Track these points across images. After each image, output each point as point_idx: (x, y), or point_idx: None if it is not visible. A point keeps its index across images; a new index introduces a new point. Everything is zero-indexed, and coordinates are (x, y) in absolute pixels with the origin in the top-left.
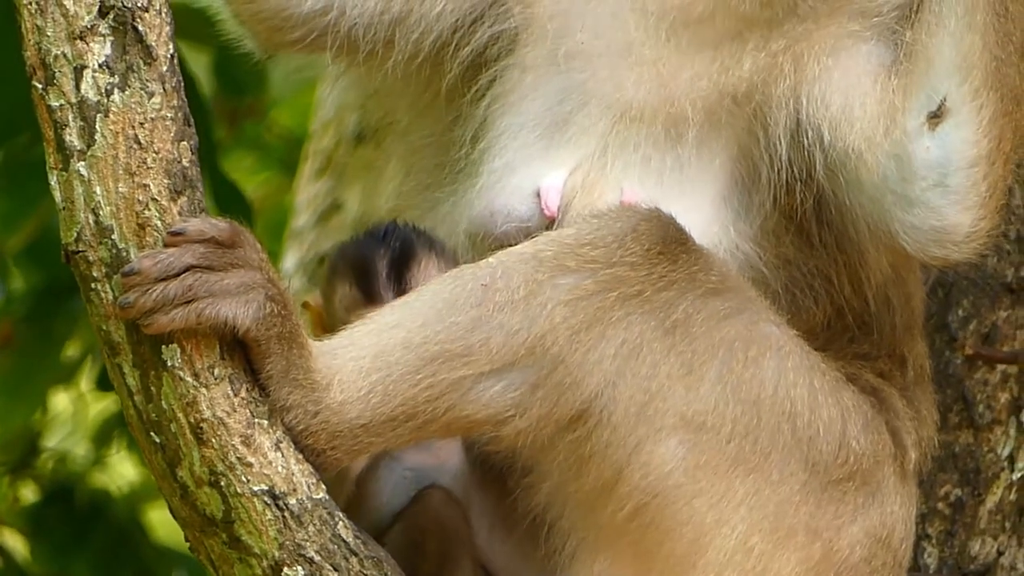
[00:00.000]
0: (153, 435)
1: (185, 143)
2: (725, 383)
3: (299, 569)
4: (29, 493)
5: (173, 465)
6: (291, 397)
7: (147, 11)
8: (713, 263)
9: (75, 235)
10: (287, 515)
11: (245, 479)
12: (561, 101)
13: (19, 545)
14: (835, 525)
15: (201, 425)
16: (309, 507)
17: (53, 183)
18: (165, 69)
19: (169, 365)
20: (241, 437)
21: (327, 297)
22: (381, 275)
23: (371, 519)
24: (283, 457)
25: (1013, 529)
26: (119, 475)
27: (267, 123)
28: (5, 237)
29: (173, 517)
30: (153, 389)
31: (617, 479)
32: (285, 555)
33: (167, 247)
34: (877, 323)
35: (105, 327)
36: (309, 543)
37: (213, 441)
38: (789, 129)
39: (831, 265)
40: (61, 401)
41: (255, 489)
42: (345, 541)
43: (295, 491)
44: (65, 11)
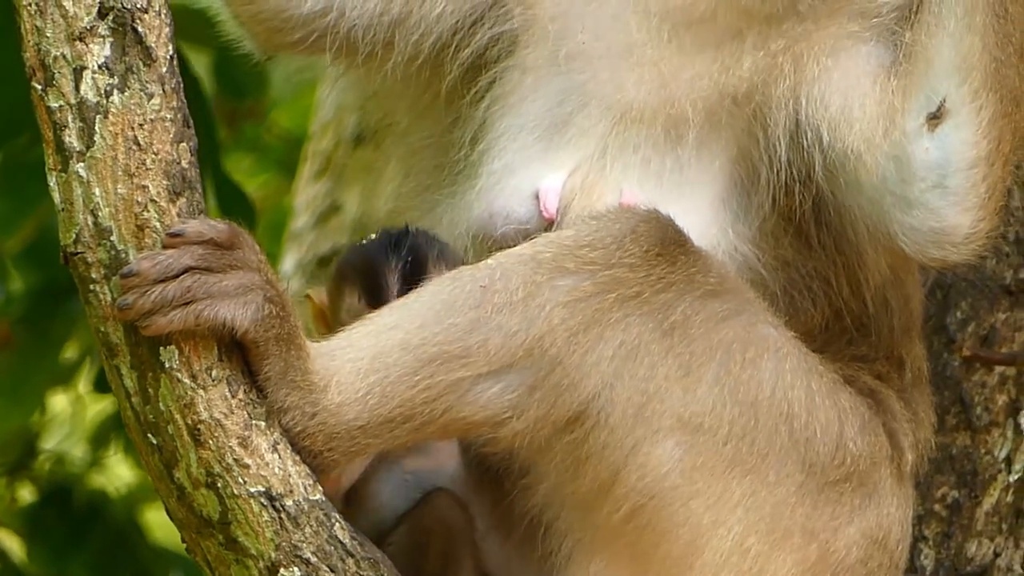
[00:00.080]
0: (150, 436)
1: (184, 144)
2: (723, 385)
3: (296, 570)
4: (27, 494)
5: (170, 466)
6: (289, 399)
7: (147, 12)
8: (711, 265)
9: (74, 236)
10: (284, 516)
11: (242, 480)
12: (561, 102)
13: (16, 546)
14: (832, 526)
15: (198, 426)
16: (306, 508)
17: (52, 184)
18: (164, 70)
19: (167, 366)
20: (238, 438)
21: (332, 300)
22: (391, 288)
23: (372, 521)
24: (280, 458)
25: (1010, 531)
26: (117, 476)
27: (267, 124)
28: (4, 238)
29: (170, 518)
30: (151, 390)
31: (614, 480)
32: (282, 556)
33: (166, 248)
34: (875, 325)
35: (103, 328)
36: (306, 544)
37: (210, 442)
38: (788, 130)
39: (829, 267)
40: (59, 402)
41: (252, 490)
42: (342, 542)
43: (292, 492)
44: (65, 12)
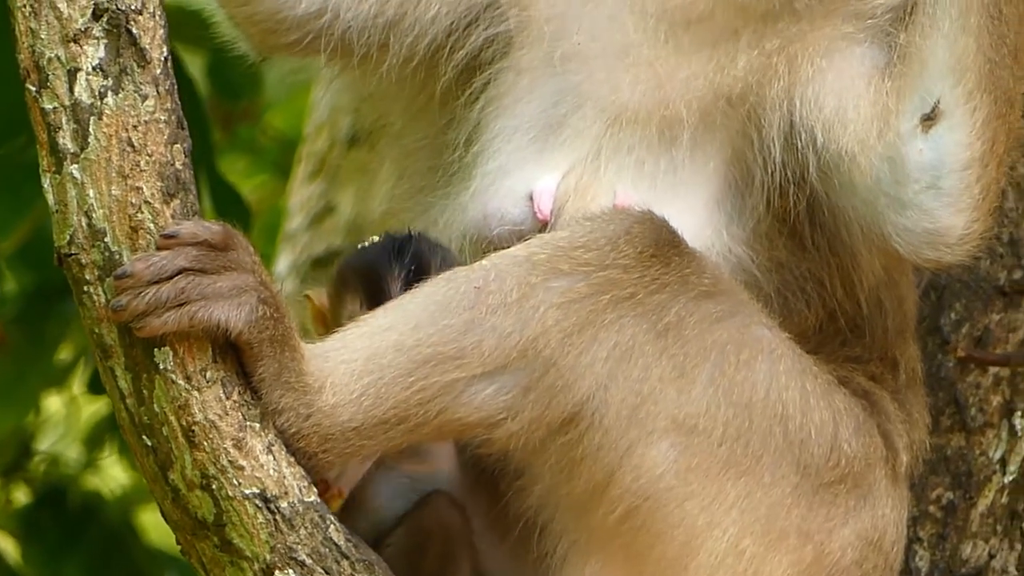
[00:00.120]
0: (145, 438)
1: (178, 146)
2: (717, 386)
3: (290, 572)
4: (21, 495)
5: (165, 468)
6: (283, 400)
7: (141, 14)
8: (706, 266)
9: (68, 238)
10: (279, 518)
11: (237, 482)
12: (556, 104)
13: (11, 548)
14: (826, 528)
15: (193, 428)
16: (301, 510)
17: (46, 186)
18: (159, 72)
19: (161, 368)
20: (233, 440)
21: (334, 303)
22: (393, 295)
23: (370, 523)
24: (275, 460)
25: (1005, 532)
26: (111, 478)
27: (261, 126)
28: None
29: (165, 520)
30: (145, 392)
31: (609, 482)
32: (276, 558)
33: (160, 250)
34: (869, 326)
35: (97, 330)
36: (300, 546)
37: (205, 444)
38: (783, 131)
39: (824, 268)
40: (53, 404)
41: (247, 492)
42: (336, 544)
43: (287, 494)
44: (59, 14)
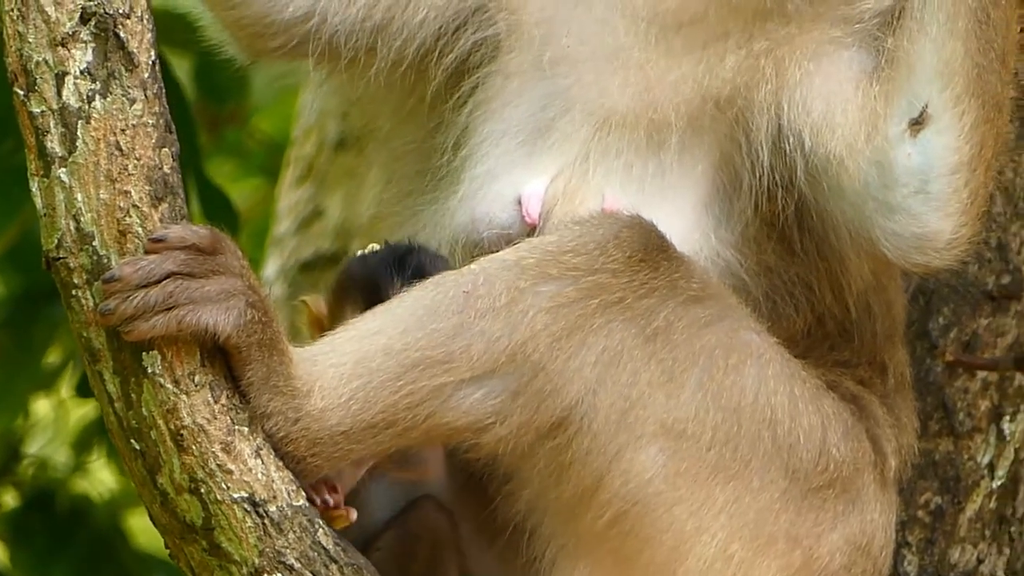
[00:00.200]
0: (133, 442)
1: (166, 150)
2: (705, 391)
3: None
4: (10, 499)
5: (153, 472)
6: (271, 404)
7: (128, 18)
8: (694, 270)
9: (56, 241)
10: (267, 522)
11: (225, 486)
12: (544, 107)
13: None
14: (815, 532)
15: (181, 432)
16: (289, 514)
17: (34, 189)
18: (147, 76)
19: (149, 372)
20: (221, 444)
21: (332, 312)
22: None
23: (358, 527)
24: (263, 464)
25: (993, 537)
26: (100, 481)
27: (248, 129)
28: None
29: (153, 524)
30: (133, 396)
31: (597, 486)
32: (265, 562)
33: (148, 254)
34: (858, 330)
35: (86, 334)
36: (289, 550)
37: (193, 448)
38: (771, 135)
39: (812, 272)
40: (42, 407)
41: (235, 496)
42: (325, 548)
43: (275, 498)
44: (47, 17)
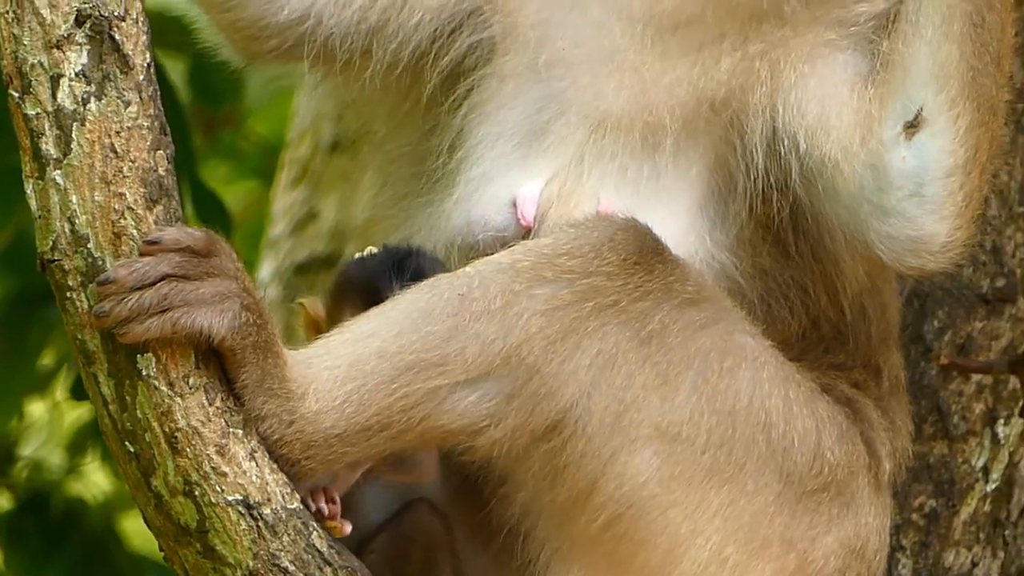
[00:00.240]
0: (128, 444)
1: (161, 152)
2: (700, 394)
3: None
4: (4, 501)
5: (147, 474)
6: (266, 407)
7: (124, 20)
8: (689, 273)
9: (51, 244)
10: (261, 525)
11: (219, 489)
12: (539, 110)
13: None
14: (810, 536)
15: (176, 434)
16: (283, 517)
17: (29, 192)
18: (142, 78)
19: (144, 374)
20: (216, 447)
21: (331, 314)
22: None
23: (352, 530)
24: (258, 467)
25: (987, 540)
26: (94, 484)
27: (243, 132)
28: None
29: (148, 527)
30: (128, 398)
31: (592, 489)
32: (259, 565)
33: (143, 256)
34: (852, 333)
35: (80, 336)
36: (283, 553)
37: (188, 451)
38: (765, 137)
39: (807, 275)
40: (36, 409)
41: (229, 499)
42: (319, 551)
43: (269, 501)
44: (42, 20)
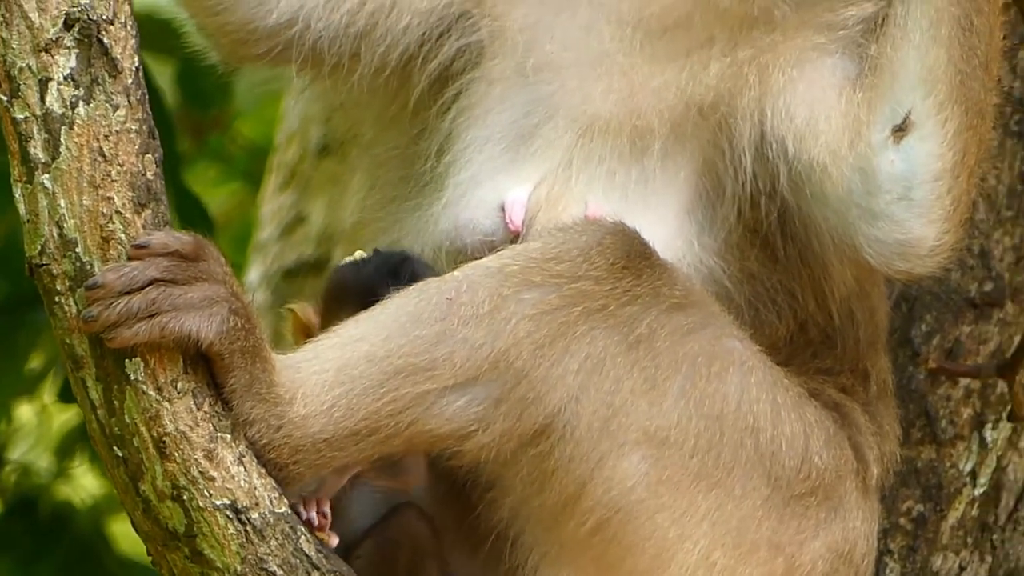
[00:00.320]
0: (116, 449)
1: (150, 156)
2: (688, 398)
3: None
4: None
5: (136, 479)
6: (254, 411)
7: (112, 24)
8: (677, 278)
9: (39, 248)
10: (249, 529)
11: (207, 493)
12: (527, 114)
13: None
14: (797, 540)
15: (164, 439)
16: (271, 521)
17: (17, 195)
18: (130, 82)
19: (132, 379)
20: (204, 451)
21: (325, 319)
22: None
23: (340, 535)
24: (246, 471)
25: (975, 545)
26: (82, 487)
27: (231, 135)
28: None
29: (136, 531)
30: (116, 403)
31: (580, 494)
32: (247, 569)
33: (131, 260)
34: (840, 338)
35: (69, 340)
36: (271, 557)
37: (176, 455)
38: (754, 141)
39: (795, 279)
40: (24, 413)
41: (217, 503)
42: (307, 555)
43: (257, 505)
44: (30, 23)
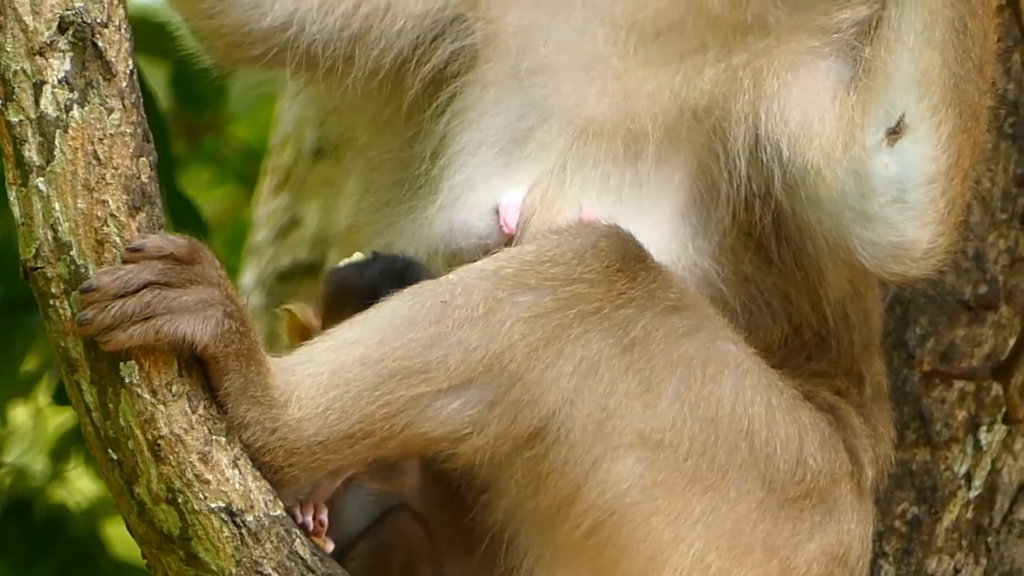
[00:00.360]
0: (111, 452)
1: (144, 159)
2: (683, 401)
3: None
4: None
5: (131, 482)
6: (249, 414)
7: (106, 27)
8: (672, 280)
9: (34, 251)
10: (244, 532)
11: (202, 496)
12: (521, 117)
13: None
14: (792, 543)
15: (159, 442)
16: (266, 524)
17: (12, 199)
18: (124, 85)
19: (127, 382)
20: (199, 454)
21: (327, 322)
22: None
23: (335, 537)
24: (240, 474)
25: (970, 547)
26: (77, 490)
27: (225, 137)
28: None
29: (131, 534)
30: (111, 406)
31: (574, 496)
32: (242, 572)
33: (125, 263)
34: (835, 340)
35: (63, 343)
36: (266, 560)
37: (171, 458)
38: (748, 145)
39: (789, 282)
40: (20, 415)
41: (212, 506)
42: (302, 558)
43: (252, 508)
44: (24, 27)
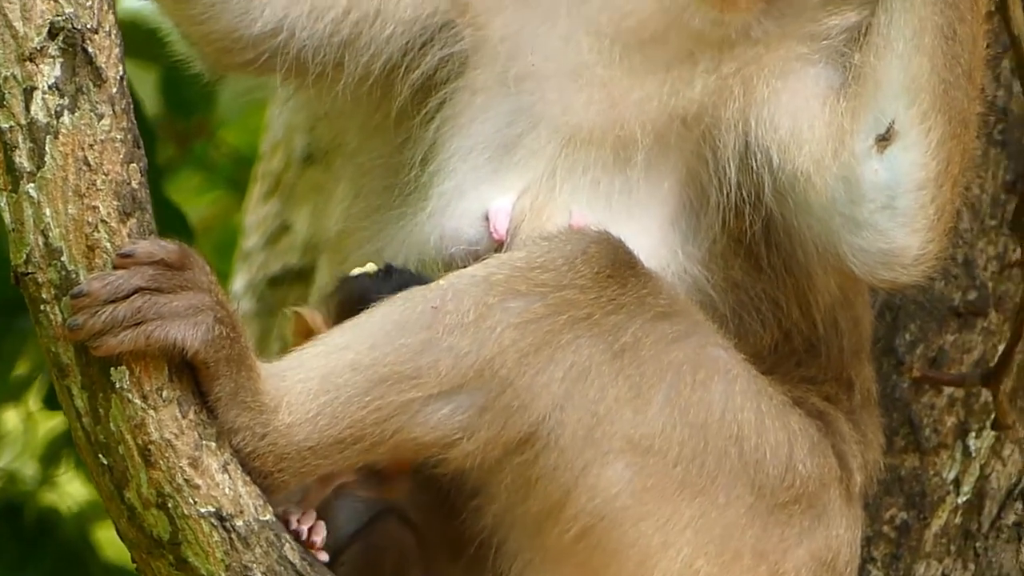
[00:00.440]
0: (101, 457)
1: (134, 165)
2: (673, 407)
3: None
4: None
5: (121, 487)
6: (239, 419)
7: (97, 33)
8: (662, 287)
9: (24, 257)
10: (234, 537)
11: (192, 501)
12: (510, 123)
13: None
14: (781, 548)
15: (149, 447)
16: (256, 529)
17: (3, 205)
18: (115, 91)
19: (117, 387)
20: (189, 459)
21: (335, 326)
22: None
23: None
24: (230, 479)
25: (958, 553)
26: (68, 494)
27: (215, 143)
28: None
29: (121, 538)
30: (101, 411)
31: (564, 502)
32: None
33: (116, 269)
34: (825, 346)
35: (54, 349)
36: (256, 565)
37: (161, 463)
38: (738, 151)
39: (779, 288)
40: (10, 420)
41: (202, 511)
42: (292, 563)
43: (242, 513)
44: (15, 32)
